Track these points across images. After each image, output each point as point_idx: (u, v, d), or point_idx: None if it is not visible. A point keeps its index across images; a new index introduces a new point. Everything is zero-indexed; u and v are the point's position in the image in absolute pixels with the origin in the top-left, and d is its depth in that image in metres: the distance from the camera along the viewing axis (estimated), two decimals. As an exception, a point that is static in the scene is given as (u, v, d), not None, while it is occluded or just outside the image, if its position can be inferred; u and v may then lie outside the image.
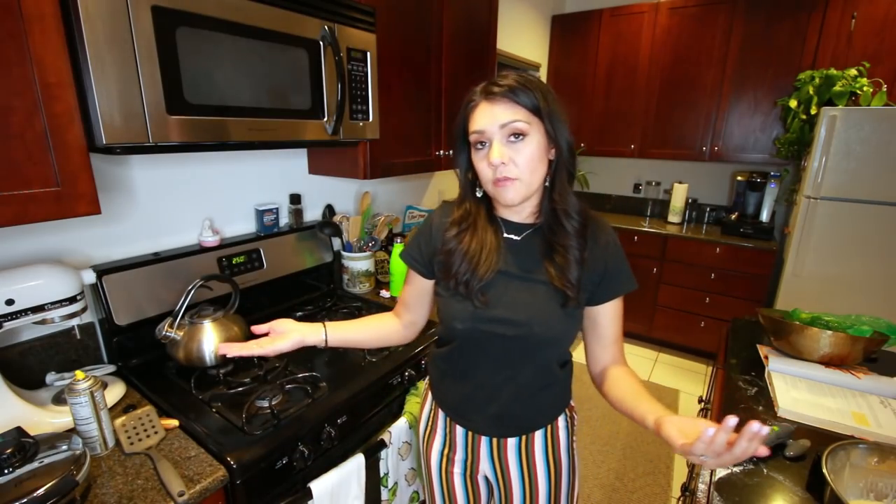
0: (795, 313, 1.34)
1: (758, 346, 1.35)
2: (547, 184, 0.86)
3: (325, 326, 0.94)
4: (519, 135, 0.78)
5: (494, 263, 0.87)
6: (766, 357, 1.26)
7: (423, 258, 0.97)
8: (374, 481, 1.21)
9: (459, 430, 1.00)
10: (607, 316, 0.91)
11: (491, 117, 0.78)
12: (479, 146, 0.82)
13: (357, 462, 1.09)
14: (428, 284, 0.99)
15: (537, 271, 0.87)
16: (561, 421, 1.01)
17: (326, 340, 0.93)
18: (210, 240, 1.37)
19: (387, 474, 1.23)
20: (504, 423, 0.96)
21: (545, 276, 0.86)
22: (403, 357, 1.31)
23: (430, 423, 1.06)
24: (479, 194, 0.90)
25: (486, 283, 0.87)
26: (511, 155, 0.78)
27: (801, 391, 1.11)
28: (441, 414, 1.03)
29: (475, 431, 0.98)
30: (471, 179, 0.90)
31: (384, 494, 1.24)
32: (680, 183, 3.25)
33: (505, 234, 0.91)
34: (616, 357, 0.93)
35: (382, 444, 1.18)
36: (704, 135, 3.03)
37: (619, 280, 0.89)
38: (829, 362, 1.19)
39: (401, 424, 1.25)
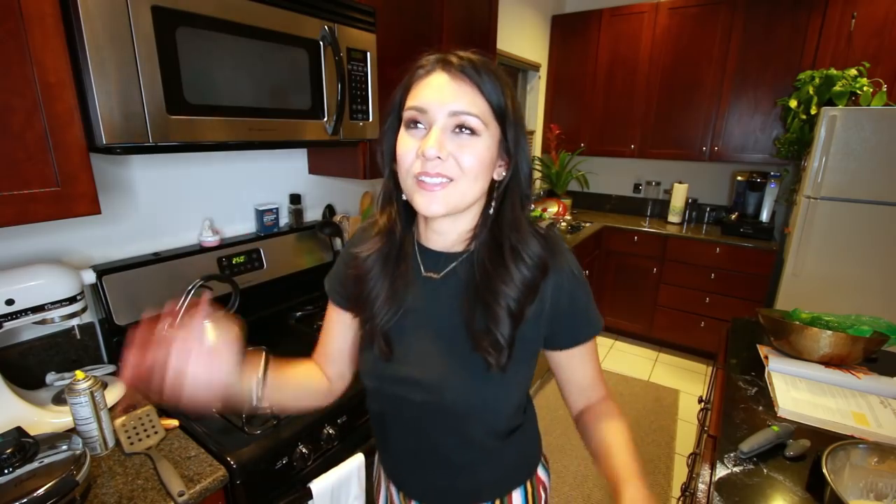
0: (795, 313, 1.34)
1: (758, 346, 1.35)
2: (492, 210, 0.67)
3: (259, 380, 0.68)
4: (468, 130, 0.60)
5: (399, 300, 0.68)
6: (766, 357, 1.25)
7: (342, 288, 0.76)
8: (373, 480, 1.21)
9: (394, 490, 0.82)
10: (572, 362, 0.73)
11: (440, 95, 0.59)
12: (412, 126, 0.61)
13: (357, 462, 1.09)
14: (347, 321, 0.78)
15: (456, 319, 0.67)
16: (517, 496, 0.79)
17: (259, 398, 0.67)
18: (210, 240, 1.37)
19: None
20: (437, 494, 0.77)
21: (464, 329, 0.66)
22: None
23: (377, 478, 0.90)
24: (404, 197, 0.67)
25: (390, 327, 0.69)
26: (452, 150, 0.59)
27: (801, 391, 1.11)
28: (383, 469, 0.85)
29: (408, 496, 0.79)
30: (395, 171, 0.67)
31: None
32: (680, 183, 3.25)
33: (423, 273, 0.71)
34: (591, 400, 0.76)
35: None
36: (704, 135, 3.03)
37: (582, 322, 0.71)
38: (829, 362, 1.19)
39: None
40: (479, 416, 0.70)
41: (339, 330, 0.79)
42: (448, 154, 0.59)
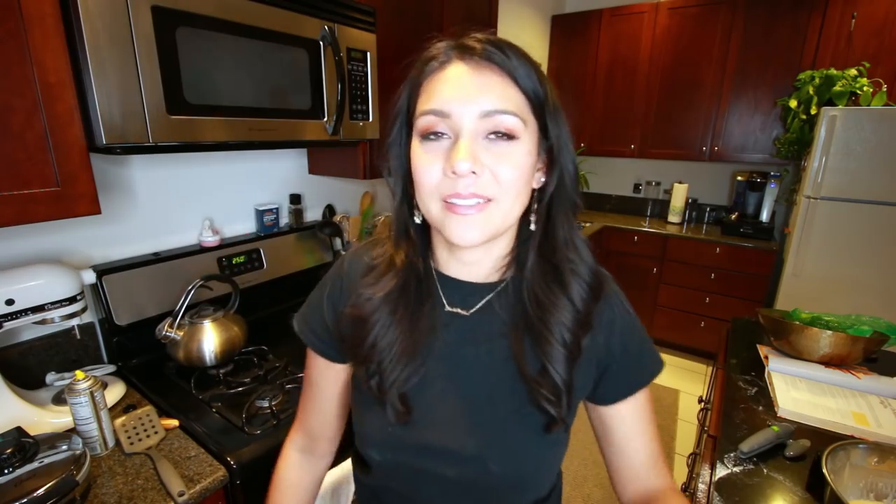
0: (795, 313, 1.34)
1: (758, 346, 1.35)
2: (532, 225, 0.53)
3: None
4: (506, 136, 0.47)
5: (422, 352, 0.54)
6: (766, 357, 1.25)
7: (330, 331, 0.60)
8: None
9: None
10: (625, 422, 0.60)
11: (465, 91, 0.46)
12: (433, 137, 0.48)
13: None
14: (343, 374, 0.62)
15: (499, 365, 0.54)
16: None
17: None
18: (210, 240, 1.37)
19: None
20: None
21: (511, 377, 0.53)
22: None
23: None
24: (417, 220, 0.55)
25: (409, 383, 0.54)
26: (488, 162, 0.47)
27: (802, 391, 1.11)
28: None
29: None
30: (411, 194, 0.54)
31: None
32: (680, 183, 3.25)
33: (447, 308, 0.56)
34: (652, 481, 0.61)
35: None
36: (704, 135, 3.03)
37: (641, 364, 0.59)
38: (829, 362, 1.19)
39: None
40: (526, 487, 0.56)
41: (332, 390, 0.62)
42: (483, 167, 0.46)
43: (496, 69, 0.47)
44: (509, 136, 0.47)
